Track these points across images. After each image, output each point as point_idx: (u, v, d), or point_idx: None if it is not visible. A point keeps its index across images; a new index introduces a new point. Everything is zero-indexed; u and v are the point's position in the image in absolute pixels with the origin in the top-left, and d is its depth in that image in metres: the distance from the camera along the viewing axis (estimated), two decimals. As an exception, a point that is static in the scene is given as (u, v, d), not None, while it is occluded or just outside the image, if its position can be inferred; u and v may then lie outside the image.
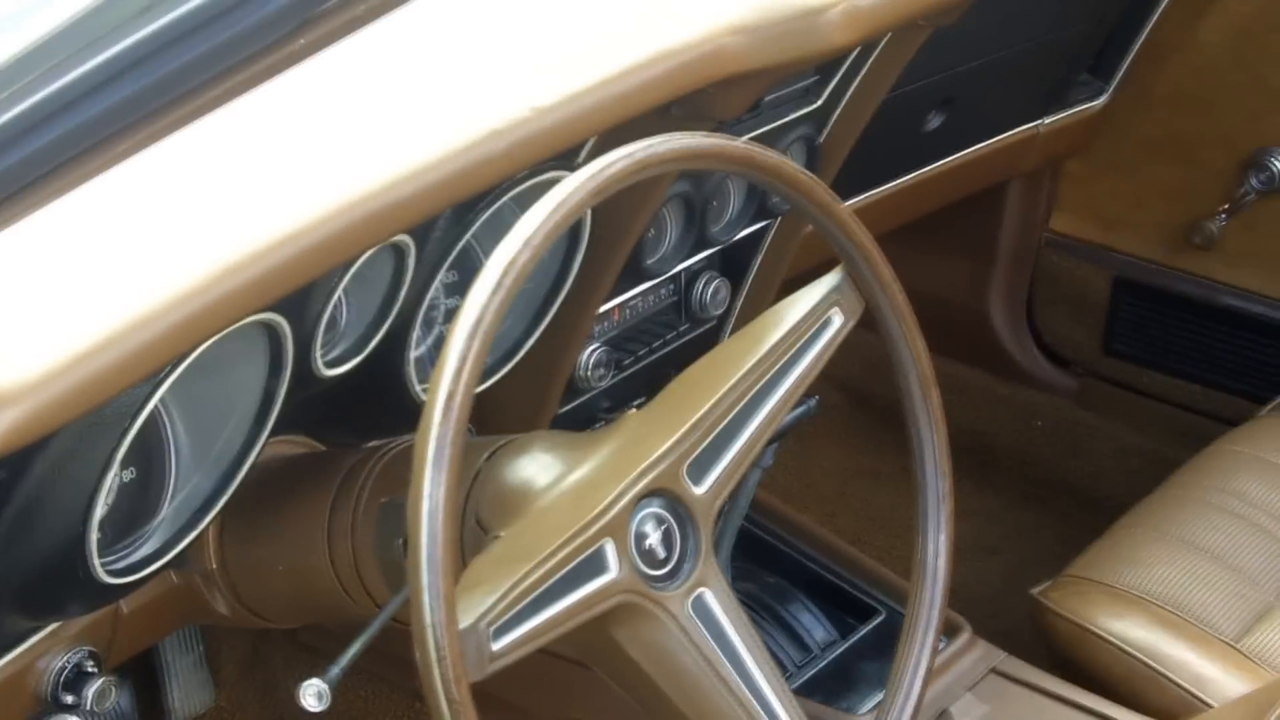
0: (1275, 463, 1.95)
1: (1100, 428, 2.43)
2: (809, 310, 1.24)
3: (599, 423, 1.80)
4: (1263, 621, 1.76)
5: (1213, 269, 2.28)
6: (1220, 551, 1.83)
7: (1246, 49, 2.18)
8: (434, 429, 1.01)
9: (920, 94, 1.90)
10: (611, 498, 1.15)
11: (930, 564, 1.31)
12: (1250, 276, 2.26)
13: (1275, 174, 2.19)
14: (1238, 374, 2.29)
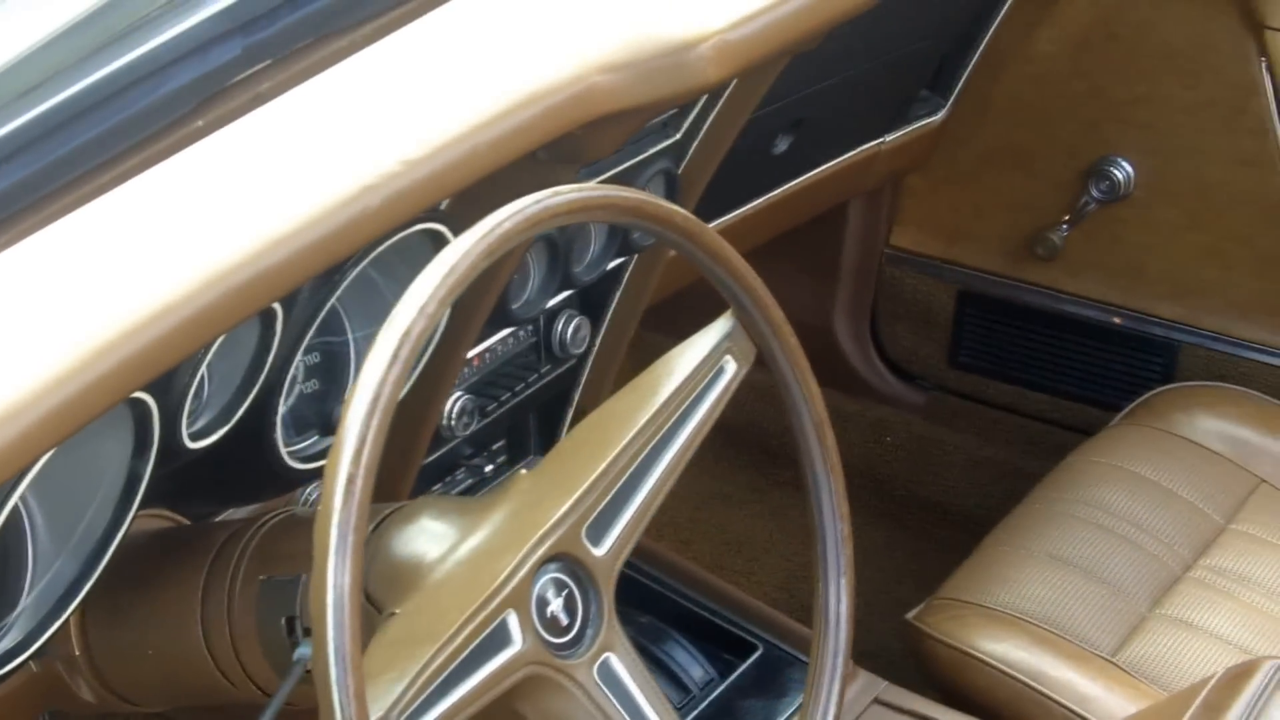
0: (1133, 471, 1.96)
1: (950, 441, 2.43)
2: (702, 359, 1.21)
3: (460, 469, 1.76)
4: (1137, 634, 1.76)
5: (1056, 279, 2.29)
6: (1089, 565, 1.83)
7: (1083, 59, 2.19)
8: (335, 514, 0.96)
9: (769, 118, 1.87)
10: (511, 566, 1.11)
11: (833, 610, 1.27)
12: (1094, 285, 2.27)
13: (1116, 182, 2.21)
14: (1086, 383, 2.31)
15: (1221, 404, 2.08)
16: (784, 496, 2.46)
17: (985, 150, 2.29)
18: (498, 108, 1.24)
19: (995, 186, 2.30)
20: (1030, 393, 2.35)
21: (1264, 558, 1.86)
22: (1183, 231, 2.20)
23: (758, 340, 1.23)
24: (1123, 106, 2.19)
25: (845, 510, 1.28)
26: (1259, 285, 2.18)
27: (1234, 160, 2.14)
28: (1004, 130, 2.27)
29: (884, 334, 2.45)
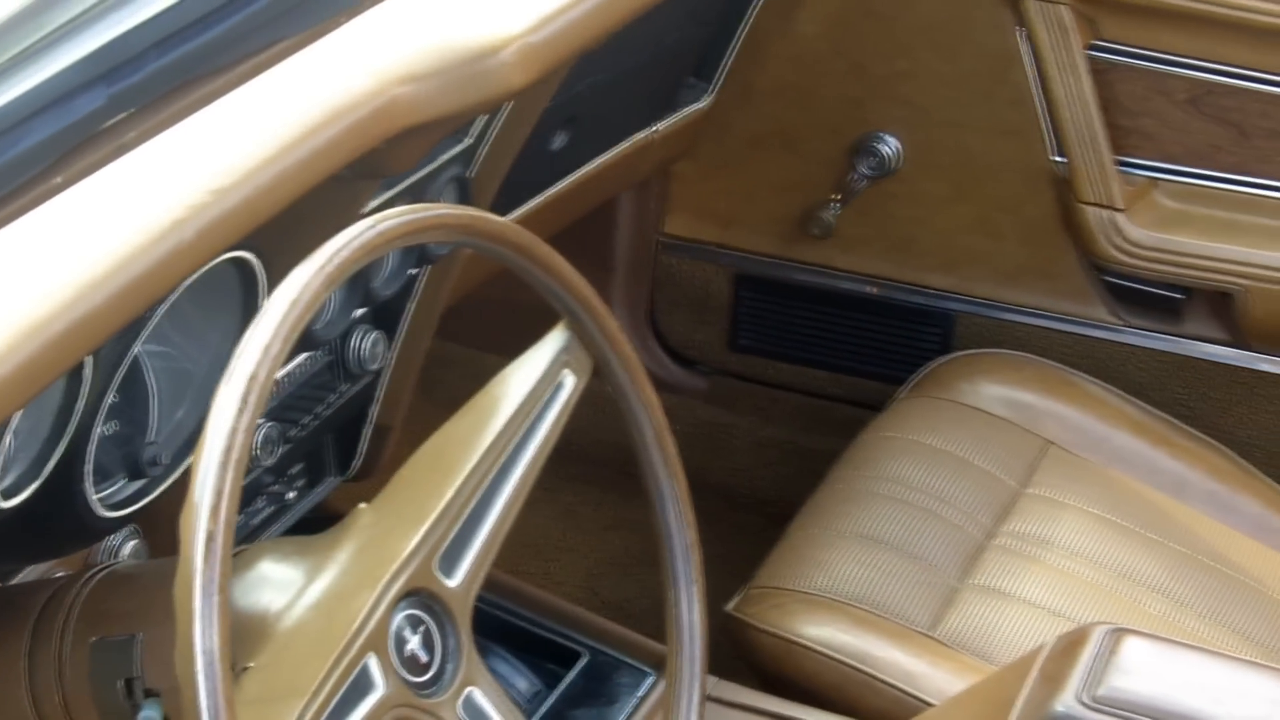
0: (925, 443, 1.99)
1: (735, 424, 2.44)
2: (540, 376, 1.18)
3: (261, 498, 1.70)
4: (950, 606, 1.78)
5: (831, 256, 2.31)
6: (897, 541, 1.85)
7: (843, 38, 2.21)
8: (198, 575, 0.91)
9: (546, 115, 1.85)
10: (367, 608, 1.07)
11: (685, 619, 1.26)
12: (868, 260, 2.30)
13: (884, 158, 2.23)
14: (867, 357, 2.33)
15: (1002, 370, 2.12)
16: (575, 493, 2.44)
17: (752, 134, 2.29)
18: (301, 128, 1.20)
19: (765, 169, 2.30)
20: (812, 370, 2.37)
21: (1062, 519, 1.90)
22: (950, 203, 2.24)
23: (594, 352, 1.21)
24: (885, 83, 2.22)
25: (690, 517, 1.27)
26: (1027, 251, 2.22)
27: (996, 131, 2.18)
28: (770, 113, 2.28)
29: (662, 322, 2.44)
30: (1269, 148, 2.10)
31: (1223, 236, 2.12)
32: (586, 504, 2.46)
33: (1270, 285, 2.10)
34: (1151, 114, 2.13)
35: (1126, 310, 2.20)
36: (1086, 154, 2.14)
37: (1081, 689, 1.31)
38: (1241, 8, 2.04)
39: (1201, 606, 1.80)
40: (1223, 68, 2.08)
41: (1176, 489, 1.98)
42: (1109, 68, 2.12)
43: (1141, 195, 2.16)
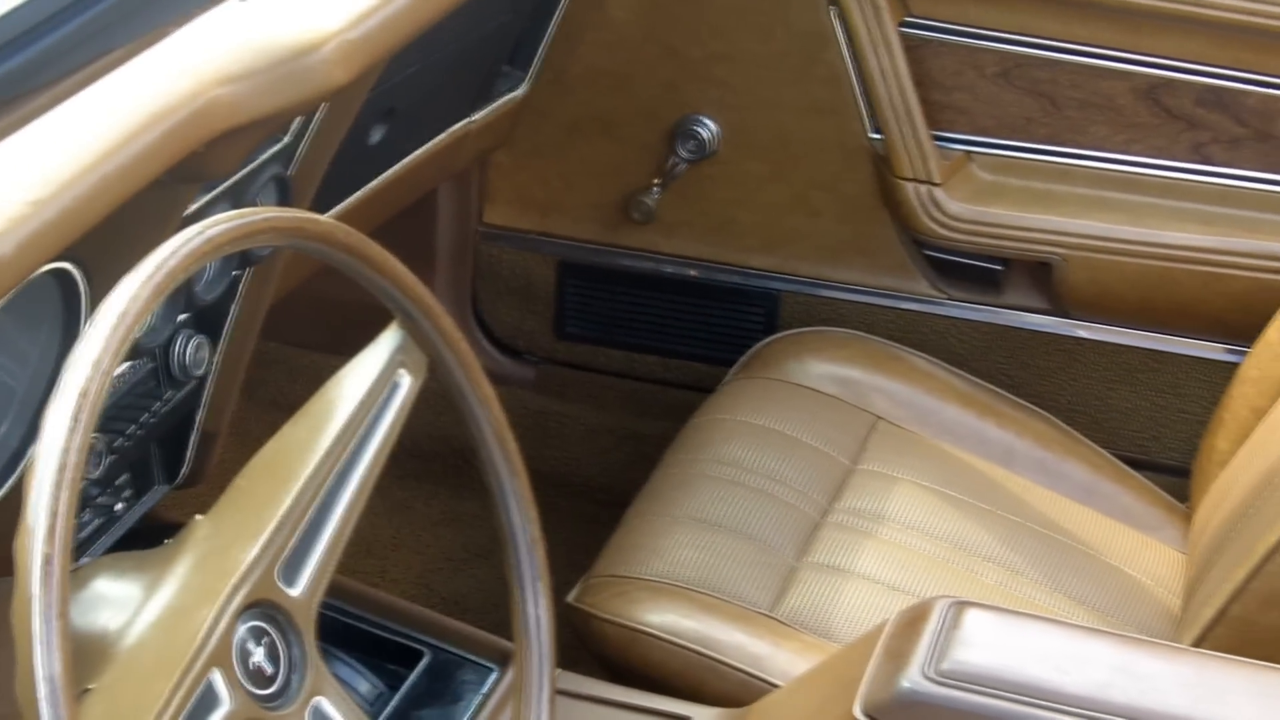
0: (757, 424, 1.99)
1: (566, 413, 2.43)
2: (375, 377, 1.16)
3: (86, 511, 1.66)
4: (790, 586, 1.79)
5: (654, 241, 2.31)
6: (733, 523, 1.85)
7: (657, 22, 2.20)
8: (36, 600, 0.88)
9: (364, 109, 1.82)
10: (209, 622, 1.04)
11: (532, 616, 1.25)
12: (690, 244, 2.30)
13: (702, 141, 2.23)
14: (694, 341, 2.33)
15: (827, 347, 2.14)
16: (406, 489, 2.41)
17: (570, 121, 2.28)
18: (120, 135, 1.16)
19: (584, 156, 2.30)
20: (640, 356, 2.37)
21: (894, 493, 1.92)
22: (769, 183, 2.25)
23: (429, 350, 1.19)
24: (700, 65, 2.22)
25: (533, 513, 1.26)
26: (847, 228, 2.24)
27: (811, 110, 2.19)
28: (586, 99, 2.27)
29: (486, 312, 2.42)
30: (1080, 118, 2.14)
31: (1039, 207, 2.15)
32: (418, 499, 2.43)
33: (1087, 253, 2.13)
34: (964, 88, 2.16)
35: (947, 283, 2.23)
36: (902, 130, 2.16)
37: (927, 663, 1.32)
38: (1048, -19, 2.08)
39: (1036, 574, 1.83)
40: (1033, 40, 2.12)
41: (1005, 458, 2.01)
42: (921, 44, 2.14)
43: (957, 169, 2.18)
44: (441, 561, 2.37)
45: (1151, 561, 1.88)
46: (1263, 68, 2.07)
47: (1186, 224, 2.10)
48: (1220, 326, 2.10)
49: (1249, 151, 2.09)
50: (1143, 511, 1.96)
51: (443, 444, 2.35)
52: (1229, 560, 1.63)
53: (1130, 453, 2.13)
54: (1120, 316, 2.16)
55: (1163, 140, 2.11)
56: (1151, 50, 2.09)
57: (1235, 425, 1.85)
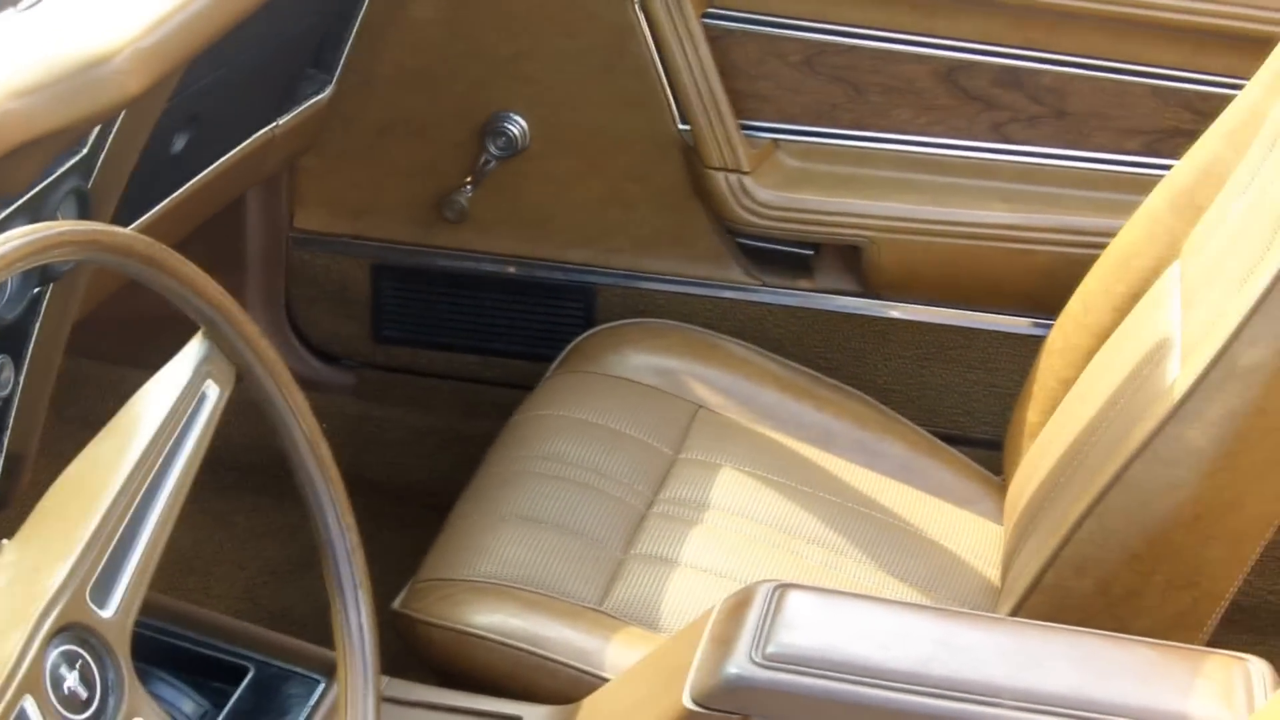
0: (578, 418, 1.99)
1: (387, 417, 2.41)
2: (182, 389, 1.14)
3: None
4: (617, 578, 1.79)
5: (468, 240, 2.30)
6: (559, 519, 1.85)
7: (461, 20, 2.19)
8: None
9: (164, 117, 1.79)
10: (19, 649, 1.02)
11: (354, 625, 1.24)
12: (505, 241, 2.29)
13: (512, 138, 2.23)
14: (515, 338, 2.33)
15: (646, 339, 2.14)
16: (227, 502, 2.38)
17: (378, 122, 2.27)
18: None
19: (394, 157, 2.28)
20: (461, 356, 2.36)
21: (717, 480, 1.93)
22: (582, 178, 2.25)
23: (236, 359, 1.17)
24: (507, 63, 2.21)
25: (350, 520, 1.25)
26: (661, 219, 2.25)
27: (620, 103, 2.20)
28: (393, 100, 2.25)
29: (302, 319, 2.40)
30: (883, 102, 2.17)
31: (846, 191, 2.18)
32: (239, 512, 2.40)
33: (895, 235, 2.17)
34: (769, 77, 2.18)
35: (761, 270, 2.25)
36: (710, 120, 2.17)
37: (752, 648, 1.34)
38: (847, -32, 2.11)
39: (858, 552, 1.85)
40: (833, 27, 2.15)
41: (824, 440, 2.03)
42: (725, 34, 2.16)
43: (766, 157, 2.21)
44: (265, 574, 2.34)
45: (970, 535, 1.92)
46: (1056, 46, 2.11)
47: (989, 202, 2.14)
48: (1026, 301, 2.14)
49: (1046, 129, 2.14)
50: (959, 486, 1.99)
51: (262, 454, 2.31)
52: (1043, 530, 1.66)
53: (945, 429, 2.16)
54: (929, 295, 2.20)
55: (963, 121, 2.15)
56: (948, 33, 2.13)
57: (1044, 397, 1.89)
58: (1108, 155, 2.13)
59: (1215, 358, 1.48)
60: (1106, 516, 1.53)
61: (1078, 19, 2.10)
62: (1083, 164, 2.14)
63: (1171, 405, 1.50)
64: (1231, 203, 1.71)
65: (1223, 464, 1.48)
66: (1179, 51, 2.08)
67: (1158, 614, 1.54)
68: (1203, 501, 1.49)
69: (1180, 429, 1.49)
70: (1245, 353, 1.46)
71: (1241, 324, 1.46)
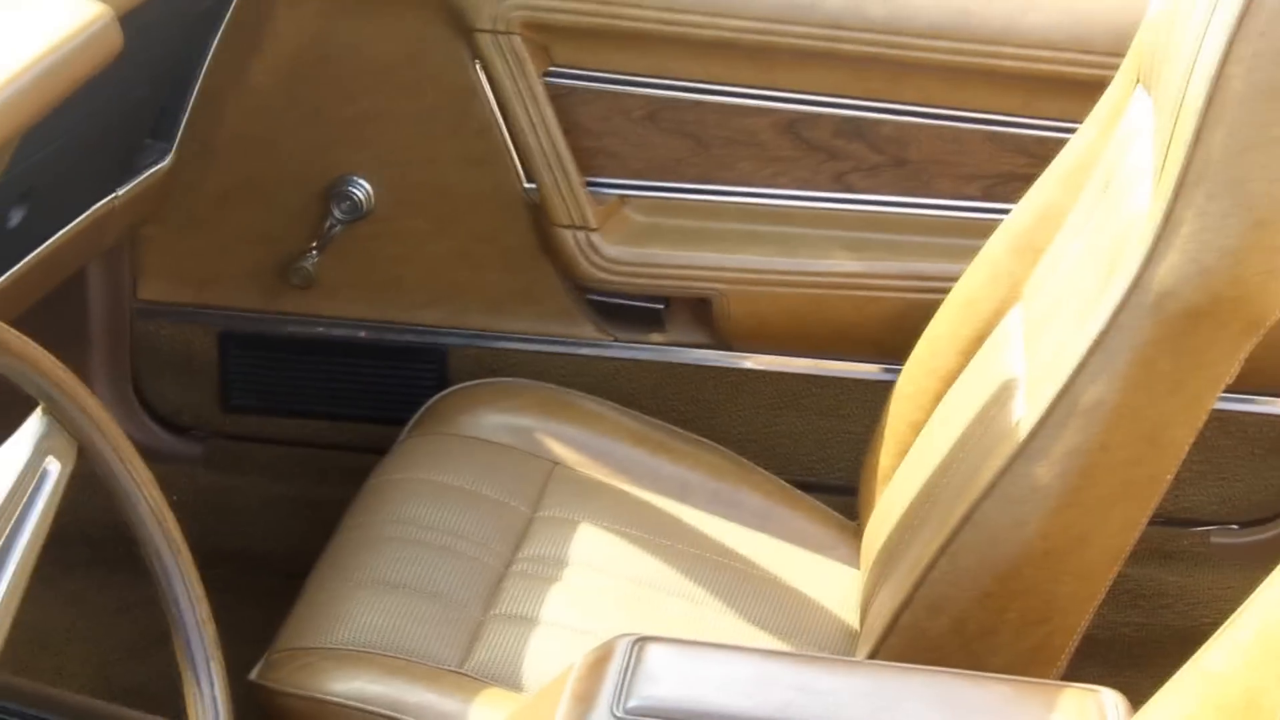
0: (434, 480, 1.99)
1: (239, 486, 2.38)
2: (22, 468, 1.12)
3: None
4: (478, 640, 1.78)
5: (317, 305, 2.28)
6: (417, 583, 1.83)
7: (300, 84, 2.19)
8: None
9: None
10: None
11: (207, 698, 1.21)
12: (355, 305, 2.28)
13: (358, 201, 2.22)
14: (367, 402, 2.31)
15: (500, 398, 2.14)
16: (79, 579, 2.33)
17: (220, 190, 2.25)
18: None
19: (238, 224, 2.26)
20: (312, 422, 2.34)
21: (575, 536, 1.93)
22: (431, 239, 2.24)
23: (77, 434, 1.15)
24: (350, 126, 2.21)
25: (200, 591, 1.23)
26: (511, 278, 2.25)
27: (465, 163, 2.20)
28: (235, 167, 2.24)
29: (148, 390, 2.36)
30: (727, 155, 2.19)
31: (694, 245, 2.20)
32: (91, 588, 2.35)
33: (744, 287, 2.18)
34: (613, 133, 2.19)
35: (613, 325, 2.25)
36: (556, 178, 2.18)
37: (614, 703, 1.33)
38: (687, 24, 2.13)
39: (717, 603, 1.85)
40: (676, 82, 2.17)
41: (680, 492, 2.04)
42: (567, 92, 2.17)
43: (613, 213, 2.22)
44: (120, 651, 2.29)
45: (827, 580, 1.93)
46: (895, 96, 2.15)
47: (835, 251, 2.17)
48: (874, 347, 2.17)
49: (887, 177, 2.17)
50: (816, 532, 2.01)
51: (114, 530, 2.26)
52: (899, 573, 1.68)
53: (801, 476, 2.18)
54: (780, 345, 2.22)
55: (806, 172, 2.18)
56: (790, 86, 2.16)
57: (895, 441, 1.91)
58: (948, 201, 2.17)
59: (1057, 396, 1.50)
60: (959, 556, 1.55)
61: (916, 69, 2.13)
62: (924, 211, 2.18)
63: (1018, 444, 1.53)
64: (1069, 244, 1.75)
65: (1069, 500, 1.50)
66: (1013, 98, 2.12)
67: (1012, 650, 1.55)
68: (1051, 538, 1.52)
69: (1027, 467, 1.51)
70: (1086, 390, 1.48)
71: (1081, 362, 1.49)
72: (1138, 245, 1.48)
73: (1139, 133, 1.67)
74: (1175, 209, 1.45)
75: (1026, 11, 2.09)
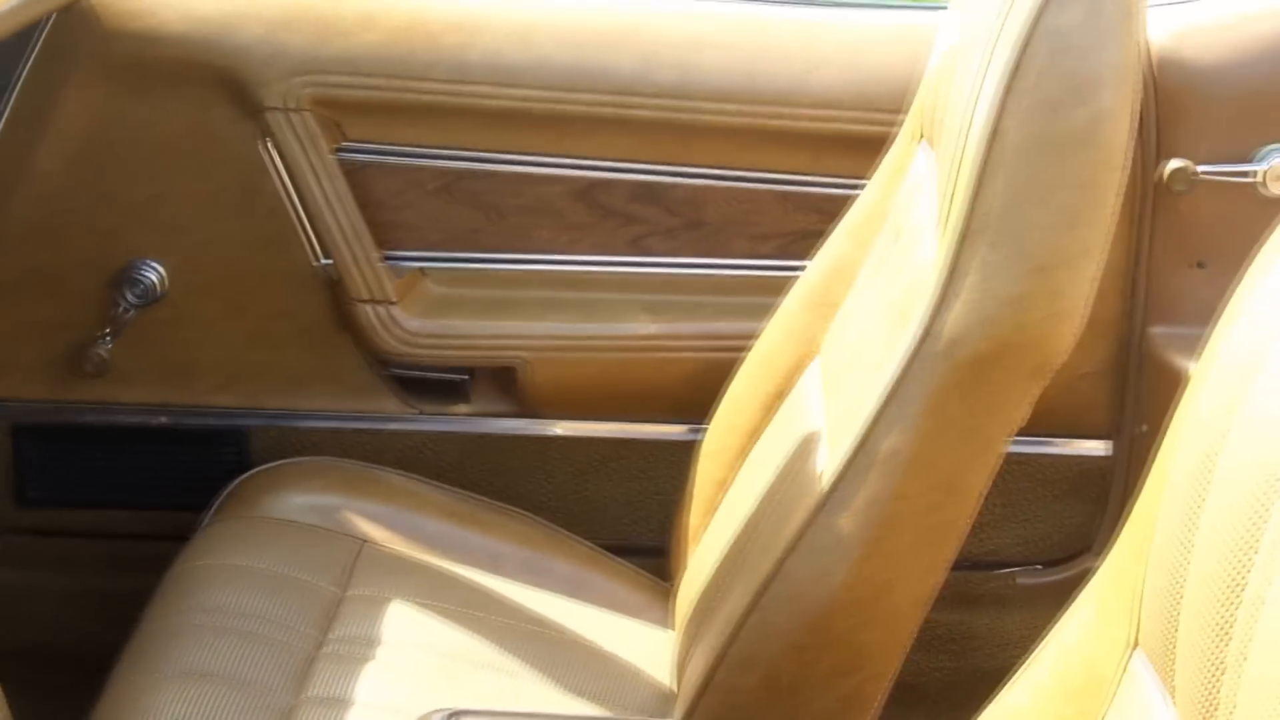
0: (238, 565, 1.95)
1: (35, 583, 2.31)
2: None
3: None
4: (291, 726, 1.75)
5: (113, 393, 2.23)
6: (224, 671, 1.79)
7: (88, 169, 2.15)
8: None
9: None
10: None
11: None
12: (152, 391, 2.24)
13: (149, 285, 2.18)
14: (168, 489, 2.27)
15: (304, 478, 2.11)
16: None
17: (7, 279, 2.19)
18: None
19: (26, 314, 2.21)
20: (111, 512, 2.28)
21: (386, 614, 1.90)
22: (226, 320, 2.21)
23: None
24: (139, 209, 2.17)
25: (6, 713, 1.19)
26: (310, 356, 2.23)
27: (258, 243, 2.18)
28: (21, 256, 2.18)
29: (-63, 489, 2.30)
30: (524, 223, 2.19)
31: (496, 314, 2.20)
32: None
33: (547, 354, 2.19)
34: (409, 206, 2.18)
35: (416, 399, 2.24)
36: (353, 253, 2.17)
37: (428, 779, 1.32)
38: (477, 95, 2.13)
39: (532, 673, 1.84)
40: (469, 153, 2.17)
41: (492, 563, 2.03)
42: (361, 166, 2.16)
43: (412, 285, 2.21)
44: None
45: (642, 643, 1.93)
46: (687, 160, 2.17)
47: (635, 315, 2.18)
48: (679, 408, 2.18)
49: (683, 239, 2.19)
50: (629, 596, 2.01)
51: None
52: (712, 631, 1.68)
53: (612, 540, 2.18)
54: (586, 410, 2.22)
55: (603, 237, 2.19)
56: (583, 153, 2.17)
57: (703, 500, 1.92)
58: (744, 261, 2.19)
59: (856, 447, 1.52)
60: (769, 611, 1.56)
61: (707, 132, 2.16)
62: (721, 271, 2.20)
63: (820, 497, 1.54)
64: (862, 297, 1.78)
65: (872, 550, 1.52)
66: (802, 157, 2.16)
67: (825, 701, 1.57)
68: (857, 587, 1.53)
69: (830, 519, 1.53)
70: (883, 440, 1.51)
71: (877, 413, 1.51)
72: (926, 296, 1.51)
73: (924, 186, 1.70)
74: (960, 259, 1.48)
75: (811, 72, 2.13)
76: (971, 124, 1.49)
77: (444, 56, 2.13)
